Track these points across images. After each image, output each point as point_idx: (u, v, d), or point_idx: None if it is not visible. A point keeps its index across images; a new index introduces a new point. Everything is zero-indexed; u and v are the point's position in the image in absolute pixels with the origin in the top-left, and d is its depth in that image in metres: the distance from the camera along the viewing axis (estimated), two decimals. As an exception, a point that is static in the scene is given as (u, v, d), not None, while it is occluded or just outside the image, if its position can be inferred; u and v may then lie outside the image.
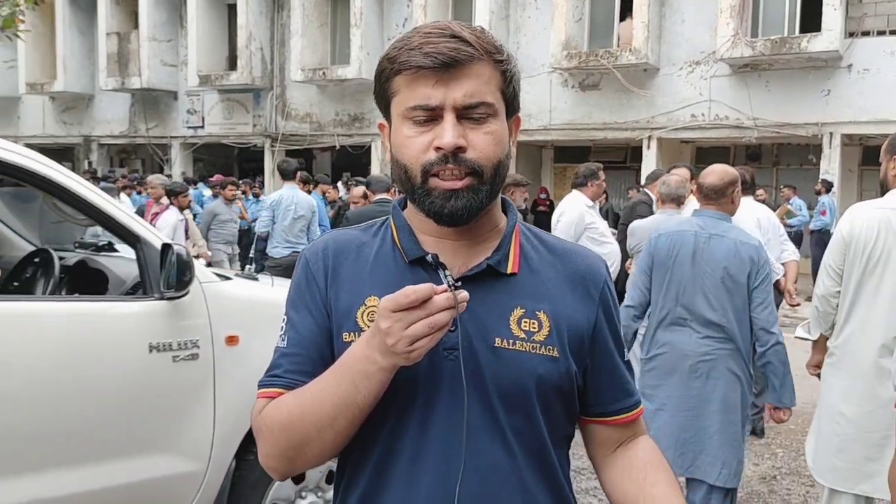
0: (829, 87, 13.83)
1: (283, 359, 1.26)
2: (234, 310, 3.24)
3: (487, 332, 1.21)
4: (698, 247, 3.49)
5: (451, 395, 1.19)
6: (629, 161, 17.51)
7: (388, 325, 1.07)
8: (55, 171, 2.87)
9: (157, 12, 20.39)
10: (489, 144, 1.19)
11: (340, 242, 1.31)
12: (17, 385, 2.66)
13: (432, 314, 1.06)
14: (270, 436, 1.21)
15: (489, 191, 1.20)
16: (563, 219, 5.58)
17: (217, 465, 3.15)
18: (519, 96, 1.27)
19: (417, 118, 1.18)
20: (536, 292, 1.25)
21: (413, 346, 1.07)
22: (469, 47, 1.17)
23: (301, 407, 1.17)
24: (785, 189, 14.05)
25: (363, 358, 1.12)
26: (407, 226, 1.28)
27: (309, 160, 21.55)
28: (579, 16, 15.62)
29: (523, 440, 1.22)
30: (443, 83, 1.16)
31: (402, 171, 1.21)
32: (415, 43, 1.17)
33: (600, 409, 1.34)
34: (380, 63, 1.23)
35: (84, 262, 3.69)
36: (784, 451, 5.37)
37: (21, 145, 2.77)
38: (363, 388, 1.13)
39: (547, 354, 1.22)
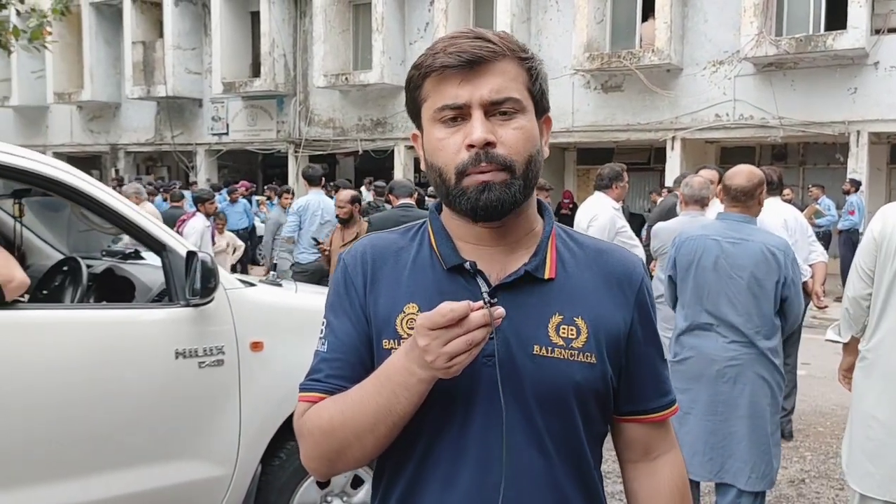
0: (856, 85, 13.65)
1: (323, 363, 1.28)
2: (259, 316, 3.26)
3: (526, 339, 1.22)
4: (721, 252, 3.46)
5: (490, 401, 1.20)
6: (653, 162, 17.40)
7: (427, 342, 1.08)
8: (82, 180, 2.91)
9: (182, 21, 20.61)
10: (519, 139, 1.19)
11: (379, 248, 1.32)
12: (47, 392, 2.70)
13: (470, 331, 1.07)
14: (311, 440, 1.24)
15: (522, 186, 1.20)
16: (596, 223, 5.48)
17: (243, 469, 3.17)
18: (547, 95, 1.28)
19: (446, 118, 1.20)
20: (574, 297, 1.26)
21: (451, 362, 1.08)
22: (493, 45, 1.19)
23: (342, 413, 1.19)
24: (813, 188, 13.87)
25: (402, 369, 1.14)
26: (444, 231, 1.29)
27: (332, 165, 21.65)
28: (601, 17, 15.55)
29: (560, 444, 1.24)
30: (468, 81, 1.18)
31: (436, 175, 1.23)
32: (439, 47, 1.20)
33: (631, 406, 1.35)
34: (409, 73, 1.25)
35: (111, 269, 3.74)
36: (812, 454, 5.31)
37: (50, 154, 2.82)
38: (403, 398, 1.15)
39: (585, 361, 1.24)
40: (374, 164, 19.31)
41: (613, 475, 4.63)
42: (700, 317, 3.52)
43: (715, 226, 3.59)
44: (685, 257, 3.57)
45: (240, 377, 3.13)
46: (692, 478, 3.54)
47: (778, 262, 3.40)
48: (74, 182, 2.88)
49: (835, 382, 7.12)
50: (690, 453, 3.48)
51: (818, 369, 7.67)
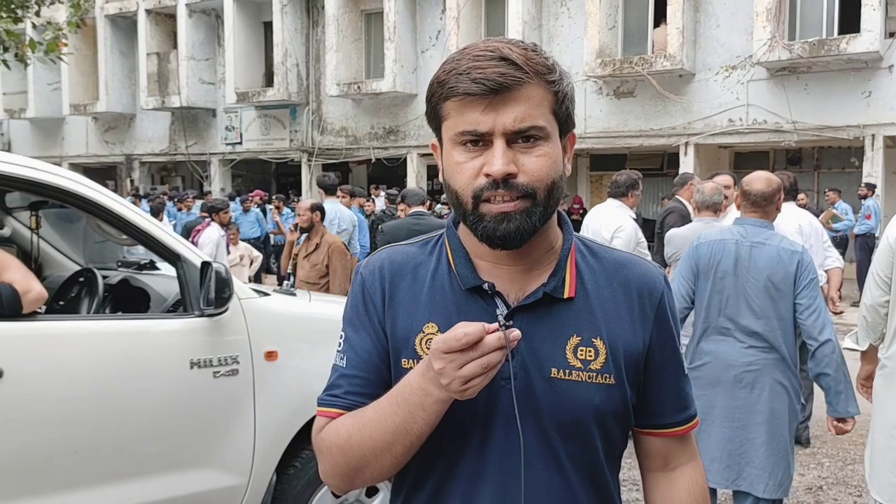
0: (870, 89, 13.56)
1: (342, 379, 1.28)
2: (273, 325, 3.28)
3: (543, 361, 1.21)
4: (740, 256, 3.45)
5: (508, 423, 1.20)
6: (666, 168, 17.34)
7: (442, 365, 1.07)
8: (96, 192, 2.94)
9: (195, 32, 20.77)
10: (541, 167, 1.17)
11: (397, 263, 1.30)
12: (64, 402, 2.73)
13: (485, 354, 1.06)
14: (329, 456, 1.24)
15: (542, 213, 1.18)
16: (623, 235, 5.35)
17: (258, 479, 3.18)
18: (573, 115, 1.25)
19: (466, 141, 1.17)
20: (593, 317, 1.24)
21: (466, 385, 1.07)
22: (518, 71, 1.14)
23: (360, 432, 1.19)
24: (830, 192, 13.78)
25: (419, 390, 1.13)
26: (462, 249, 1.27)
27: (345, 174, 21.72)
28: (613, 23, 15.54)
29: (579, 465, 1.24)
30: (492, 108, 1.14)
31: (454, 197, 1.21)
32: (464, 67, 1.15)
33: (652, 420, 1.34)
34: (430, 86, 1.21)
35: (126, 280, 3.77)
36: (830, 460, 5.26)
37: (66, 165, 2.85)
38: (419, 418, 1.14)
39: (603, 383, 1.23)
40: (386, 172, 19.36)
41: (630, 483, 4.61)
42: (718, 321, 3.50)
43: (733, 230, 3.57)
44: (703, 260, 3.54)
45: (254, 387, 3.14)
46: (709, 485, 3.52)
47: (795, 264, 3.37)
48: (89, 193, 2.90)
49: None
50: (708, 460, 3.45)
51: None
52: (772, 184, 3.52)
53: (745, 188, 3.57)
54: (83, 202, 2.91)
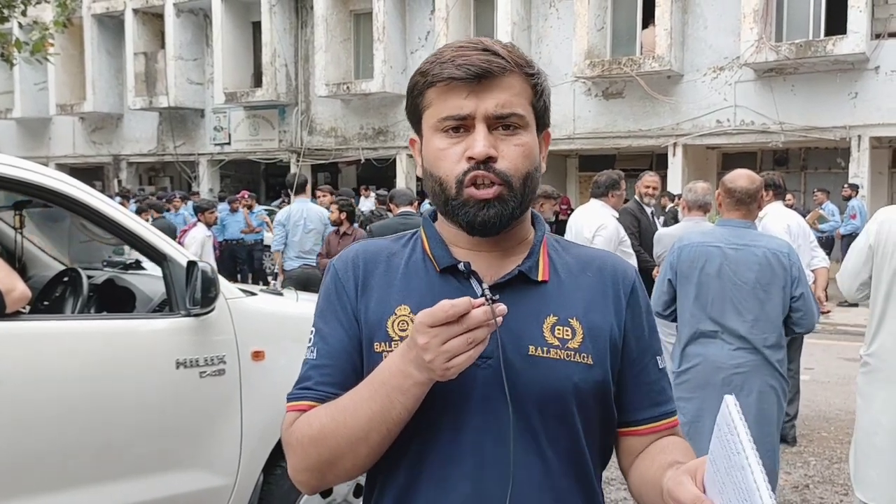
0: (857, 90, 13.66)
1: (313, 371, 1.25)
2: (260, 325, 3.26)
3: (521, 340, 1.20)
4: (725, 259, 3.44)
5: (485, 404, 1.18)
6: (655, 168, 17.39)
7: (426, 340, 1.05)
8: (82, 191, 2.91)
9: (183, 32, 20.70)
10: (519, 156, 1.20)
11: (371, 253, 1.30)
12: (47, 403, 2.70)
13: (470, 329, 1.04)
14: (301, 450, 1.19)
15: (519, 202, 1.21)
16: (604, 233, 5.40)
17: (245, 479, 3.17)
18: (549, 111, 1.28)
19: (448, 127, 1.19)
20: (568, 300, 1.25)
21: (450, 363, 1.05)
22: (501, 59, 1.18)
23: (334, 421, 1.16)
24: (818, 193, 13.86)
25: (398, 372, 1.11)
26: (438, 236, 1.29)
27: (334, 174, 21.70)
28: (601, 24, 15.59)
29: (559, 448, 1.21)
30: (475, 94, 1.17)
31: (436, 184, 1.22)
32: (447, 56, 1.19)
33: (628, 416, 1.30)
34: (412, 78, 1.24)
35: (112, 280, 3.74)
36: (816, 459, 5.29)
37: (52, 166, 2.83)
38: (398, 402, 1.11)
39: (582, 362, 1.21)
40: (375, 172, 19.34)
41: (618, 482, 4.62)
42: (704, 324, 3.50)
43: (716, 232, 3.56)
44: (685, 263, 3.53)
45: (241, 387, 3.12)
46: None
47: (783, 266, 3.37)
48: (74, 193, 2.88)
49: (840, 387, 7.10)
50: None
51: (821, 374, 7.65)
52: (755, 181, 3.52)
53: (728, 186, 3.54)
54: (68, 201, 2.89)
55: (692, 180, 6.10)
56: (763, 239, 3.48)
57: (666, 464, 1.19)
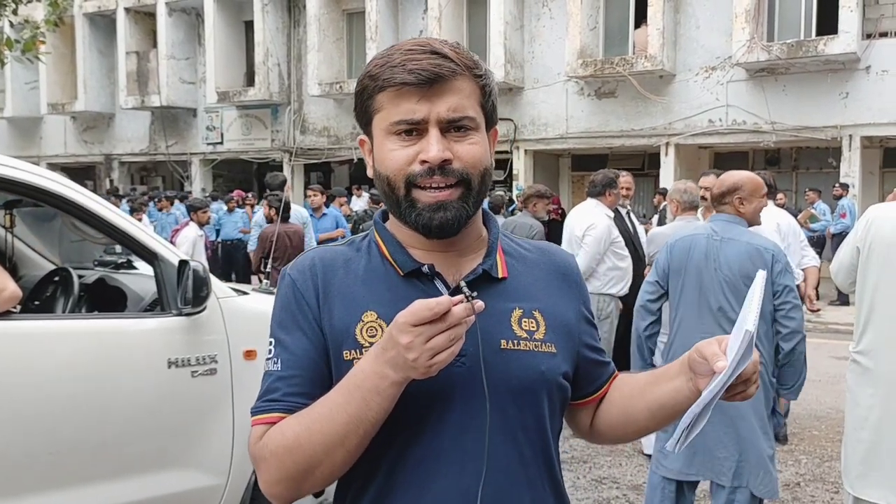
0: (848, 90, 13.71)
1: (279, 382, 1.22)
2: (251, 324, 3.26)
3: (492, 335, 1.22)
4: (710, 250, 3.47)
5: (463, 400, 1.20)
6: (647, 168, 17.44)
7: (409, 339, 1.06)
8: (73, 190, 2.91)
9: (176, 31, 20.64)
10: (475, 155, 1.21)
11: (327, 260, 1.29)
12: (39, 402, 2.70)
13: (452, 326, 1.06)
14: (275, 461, 1.17)
15: (476, 199, 1.23)
16: (593, 233, 5.42)
17: (237, 478, 3.17)
18: (497, 110, 1.30)
19: (400, 131, 1.20)
20: (528, 293, 1.30)
21: (433, 360, 1.06)
22: (451, 63, 1.19)
23: (308, 429, 1.15)
24: (810, 192, 13.91)
25: (373, 374, 1.11)
26: (394, 239, 1.28)
27: (327, 174, 21.67)
28: (594, 24, 15.61)
29: (531, 438, 1.25)
30: (427, 99, 1.18)
31: (385, 184, 1.23)
32: (396, 60, 1.18)
33: (583, 391, 1.39)
34: (360, 80, 1.24)
35: (103, 279, 3.73)
36: (808, 457, 5.31)
37: (43, 165, 2.82)
38: (374, 404, 1.12)
39: (547, 351, 1.26)
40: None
41: (609, 480, 4.63)
42: (690, 315, 3.52)
43: (706, 227, 3.62)
44: (677, 257, 3.58)
45: (233, 386, 3.12)
46: (681, 478, 3.53)
47: (765, 260, 3.37)
48: (65, 192, 2.87)
49: (831, 385, 7.12)
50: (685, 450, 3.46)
51: (812, 373, 7.64)
52: (723, 184, 3.56)
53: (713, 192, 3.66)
54: (59, 201, 2.88)
55: (682, 179, 6.13)
56: (748, 235, 3.50)
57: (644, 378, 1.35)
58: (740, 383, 1.17)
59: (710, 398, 1.14)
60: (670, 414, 1.28)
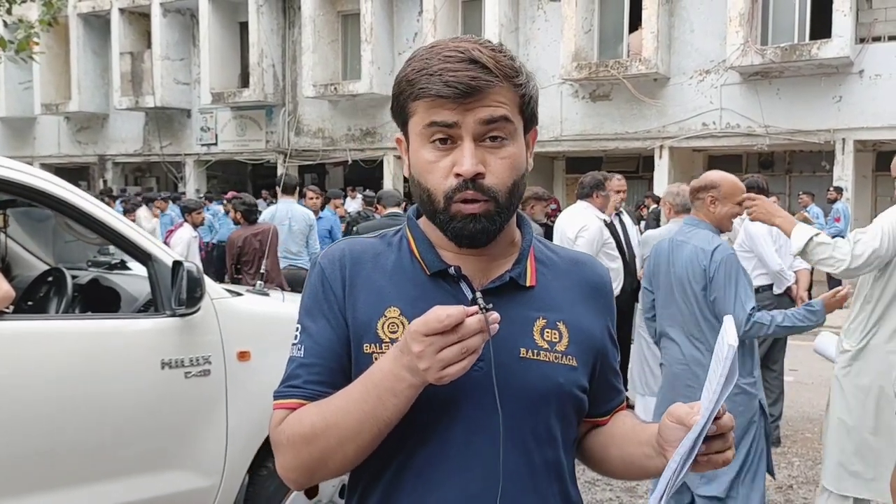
0: (841, 94, 13.77)
1: (301, 369, 1.24)
2: (246, 325, 3.26)
3: (512, 343, 1.22)
4: (670, 252, 3.48)
5: (477, 406, 1.19)
6: (641, 171, 17.47)
7: (420, 348, 1.05)
8: (66, 190, 2.90)
9: (170, 32, 20.60)
10: (505, 169, 1.20)
11: (357, 251, 1.30)
12: (31, 403, 2.69)
13: (465, 339, 1.05)
14: (291, 448, 1.19)
15: (505, 214, 1.22)
16: (586, 234, 5.44)
17: (230, 480, 3.16)
18: (537, 112, 1.28)
19: (436, 137, 1.19)
20: (554, 304, 1.28)
21: (444, 371, 1.06)
22: (488, 74, 1.17)
23: (325, 420, 1.16)
24: (803, 196, 13.96)
25: (390, 374, 1.11)
26: (425, 238, 1.28)
27: (322, 175, 21.65)
28: (588, 27, 15.64)
29: (542, 448, 1.24)
30: (462, 108, 1.17)
31: (425, 195, 1.23)
32: (435, 68, 1.17)
33: (596, 409, 1.37)
34: (398, 83, 1.23)
35: (96, 280, 3.72)
36: (800, 459, 5.32)
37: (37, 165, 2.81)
38: (390, 404, 1.12)
39: (568, 364, 1.25)
40: (363, 173, 19.32)
41: (602, 483, 4.63)
42: (664, 316, 3.54)
43: (672, 229, 3.66)
44: (653, 261, 3.62)
45: (226, 387, 3.12)
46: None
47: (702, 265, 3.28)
48: (59, 192, 2.87)
49: (822, 388, 7.12)
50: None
51: (805, 375, 7.70)
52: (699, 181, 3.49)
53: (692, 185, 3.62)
54: (53, 201, 2.88)
55: (677, 182, 6.14)
56: (697, 237, 3.38)
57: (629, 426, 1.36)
58: (717, 439, 1.14)
59: (685, 451, 1.11)
60: (639, 473, 1.32)
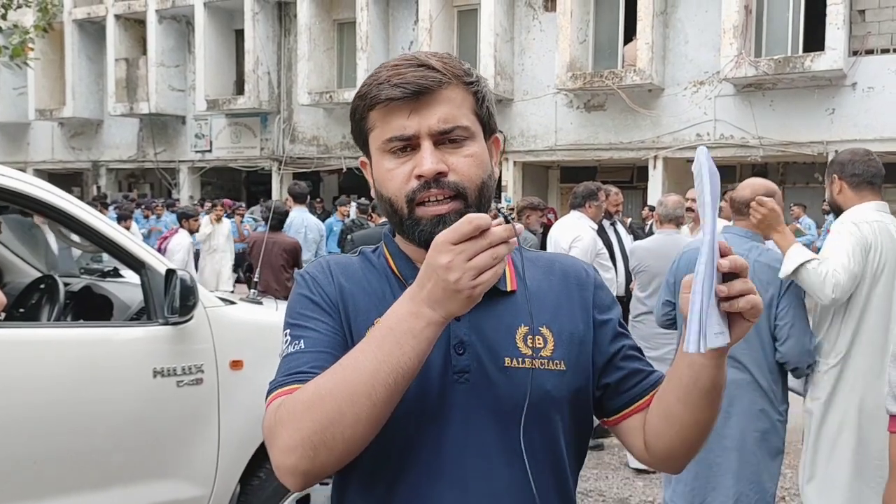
0: (834, 106, 13.84)
1: (305, 356, 1.16)
2: (239, 334, 3.25)
3: (496, 352, 1.20)
4: None
5: (464, 418, 1.18)
6: (636, 181, 17.51)
7: (450, 258, 1.00)
8: (60, 198, 2.90)
9: (165, 38, 20.61)
10: (470, 166, 1.19)
11: (341, 264, 1.30)
12: (22, 411, 2.67)
13: (494, 244, 1.01)
14: (292, 421, 1.06)
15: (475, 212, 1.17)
16: (580, 244, 5.43)
17: (221, 489, 3.15)
18: (494, 116, 1.27)
19: (395, 148, 1.19)
20: (536, 308, 1.25)
21: (478, 279, 1.00)
22: (436, 73, 1.17)
23: (333, 378, 1.06)
24: (795, 207, 14.03)
25: (408, 315, 1.05)
26: (402, 253, 1.28)
27: (316, 183, 21.64)
28: (584, 37, 15.70)
29: (538, 456, 1.22)
30: (416, 112, 1.16)
31: (387, 205, 1.21)
32: (383, 77, 1.18)
33: (626, 399, 1.30)
34: (353, 102, 1.24)
35: (89, 287, 3.71)
36: (793, 471, 5.32)
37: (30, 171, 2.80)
38: (409, 347, 1.04)
39: (555, 369, 1.23)
40: (358, 181, 19.30)
41: (595, 493, 4.63)
42: None
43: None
44: (683, 271, 3.40)
45: (219, 396, 3.11)
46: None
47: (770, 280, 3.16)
48: (52, 199, 2.86)
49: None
50: (676, 480, 3.37)
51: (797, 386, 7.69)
52: (755, 189, 3.31)
53: (731, 194, 3.45)
54: (46, 208, 2.87)
55: (669, 193, 6.16)
56: (756, 251, 3.26)
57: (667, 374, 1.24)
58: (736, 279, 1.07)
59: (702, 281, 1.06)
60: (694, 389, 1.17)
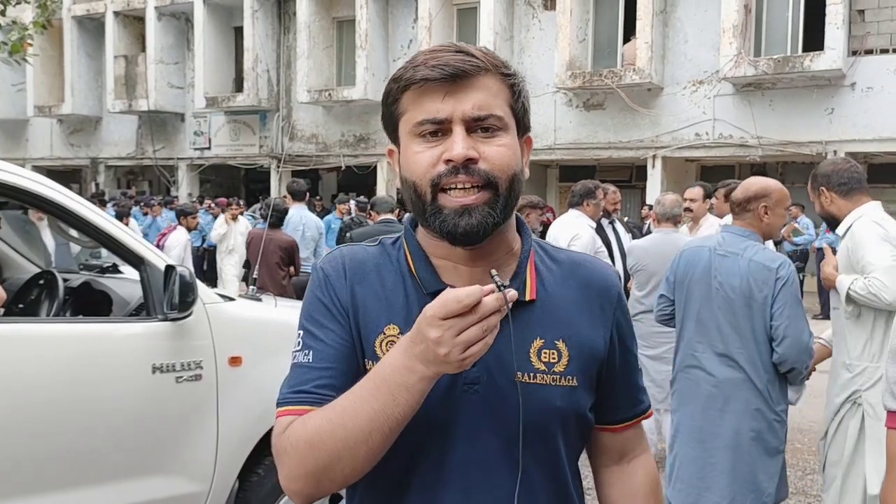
0: (833, 106, 13.84)
1: (311, 373, 1.18)
2: (238, 331, 3.25)
3: (508, 365, 1.17)
4: (712, 263, 3.30)
5: (470, 430, 1.17)
6: (634, 180, 17.51)
7: (439, 334, 1.00)
8: (60, 193, 2.89)
9: (165, 35, 20.58)
10: (503, 156, 1.15)
11: (357, 261, 1.26)
12: (21, 407, 2.67)
13: (484, 318, 1.01)
14: (296, 455, 1.11)
15: (504, 206, 1.16)
16: (578, 243, 5.43)
17: (220, 486, 3.15)
18: (529, 114, 1.24)
19: (426, 132, 1.15)
20: (554, 319, 1.23)
21: (466, 353, 1.01)
22: (476, 59, 1.15)
23: (332, 422, 1.09)
24: (793, 207, 14.01)
25: (402, 368, 1.05)
26: (421, 252, 1.24)
27: (315, 181, 21.62)
28: (583, 36, 15.69)
29: (542, 470, 1.22)
30: (451, 95, 1.13)
31: (411, 190, 1.17)
32: (420, 60, 1.16)
33: (608, 417, 1.33)
34: (386, 86, 1.21)
35: (88, 283, 3.71)
36: (790, 471, 5.33)
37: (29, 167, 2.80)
38: (402, 400, 1.06)
39: (566, 385, 1.21)
40: (356, 179, 19.31)
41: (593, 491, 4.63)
42: (692, 333, 3.37)
43: (714, 238, 3.47)
44: (681, 270, 3.44)
45: (218, 392, 3.11)
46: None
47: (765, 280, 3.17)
48: (51, 195, 2.86)
49: (812, 399, 7.14)
50: (675, 479, 3.39)
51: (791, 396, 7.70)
52: (748, 190, 3.34)
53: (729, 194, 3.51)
54: (45, 203, 2.87)
55: (667, 192, 6.16)
56: (753, 250, 3.26)
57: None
58: None
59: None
60: None
